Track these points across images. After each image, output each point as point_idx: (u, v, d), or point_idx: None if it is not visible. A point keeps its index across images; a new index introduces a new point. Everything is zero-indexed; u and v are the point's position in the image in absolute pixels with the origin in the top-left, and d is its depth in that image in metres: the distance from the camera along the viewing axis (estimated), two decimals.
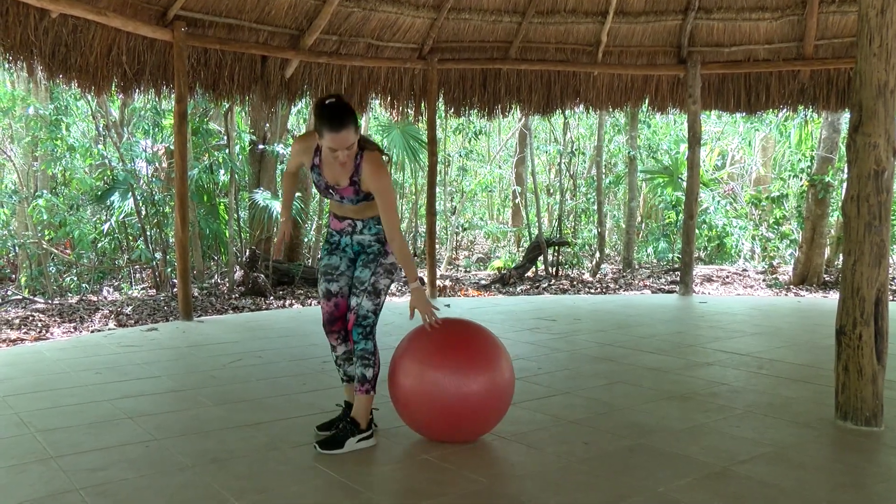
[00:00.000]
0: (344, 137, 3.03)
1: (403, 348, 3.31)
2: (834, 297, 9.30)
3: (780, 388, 4.35)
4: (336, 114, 3.04)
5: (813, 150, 11.31)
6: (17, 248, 10.85)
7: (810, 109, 9.17)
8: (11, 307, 8.71)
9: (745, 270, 12.11)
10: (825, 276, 10.66)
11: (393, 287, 10.23)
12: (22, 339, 6.63)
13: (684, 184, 9.54)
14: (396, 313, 7.00)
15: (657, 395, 4.23)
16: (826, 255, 10.88)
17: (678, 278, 9.75)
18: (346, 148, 3.06)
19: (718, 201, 13.58)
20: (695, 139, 8.65)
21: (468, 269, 13.68)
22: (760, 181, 15.25)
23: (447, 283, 10.72)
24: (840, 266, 11.01)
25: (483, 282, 11.08)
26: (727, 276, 11.43)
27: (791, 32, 8.49)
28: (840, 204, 8.79)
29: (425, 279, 8.86)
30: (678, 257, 11.60)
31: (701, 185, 10.89)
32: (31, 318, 7.71)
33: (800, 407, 3.95)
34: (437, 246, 10.16)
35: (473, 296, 9.65)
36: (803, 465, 3.08)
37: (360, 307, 3.22)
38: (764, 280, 11.06)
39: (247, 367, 4.89)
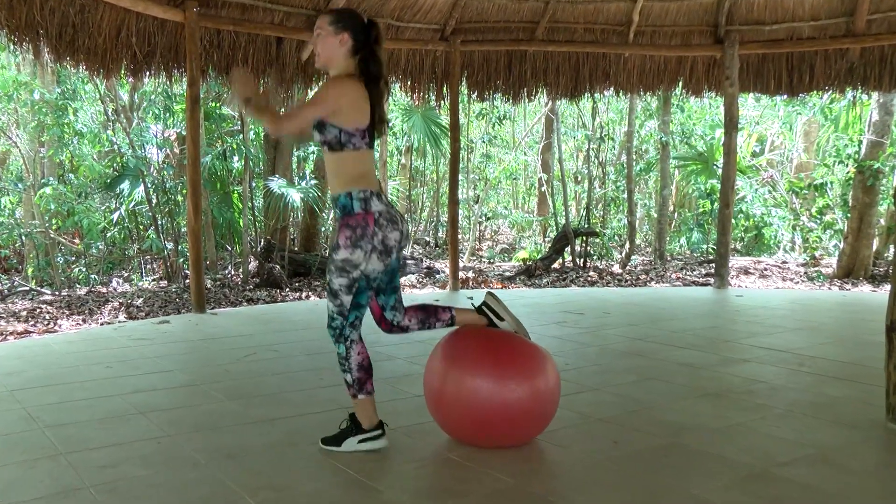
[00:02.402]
0: (321, 18, 3.09)
1: (440, 350, 3.25)
2: (883, 291, 9.18)
3: (824, 387, 4.30)
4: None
5: (861, 135, 11.14)
6: (23, 237, 11.00)
7: (859, 90, 9.00)
8: (18, 299, 8.84)
9: (784, 262, 12.00)
10: (873, 268, 10.52)
11: (413, 279, 10.24)
12: (29, 332, 6.73)
13: (720, 171, 9.46)
14: None
15: (690, 392, 4.20)
16: (875, 247, 10.73)
17: (713, 270, 9.67)
18: (316, 29, 3.08)
19: (756, 189, 13.44)
20: (732, 124, 8.56)
21: (492, 261, 13.67)
22: (802, 168, 15.07)
23: (470, 274, 10.72)
24: (890, 258, 10.82)
25: (507, 273, 11.06)
26: (765, 269, 11.32)
27: (840, 7, 8.32)
28: (892, 191, 8.58)
29: (446, 269, 8.84)
30: (713, 248, 11.50)
31: (738, 173, 10.76)
32: (38, 309, 7.82)
33: (845, 407, 3.90)
34: (459, 236, 10.16)
35: (497, 288, 9.64)
36: (850, 470, 3.04)
37: (328, 307, 3.09)
38: (805, 273, 10.94)
39: (262, 361, 4.92)
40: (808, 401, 4.01)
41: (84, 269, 10.69)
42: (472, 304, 3.35)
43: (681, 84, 9.11)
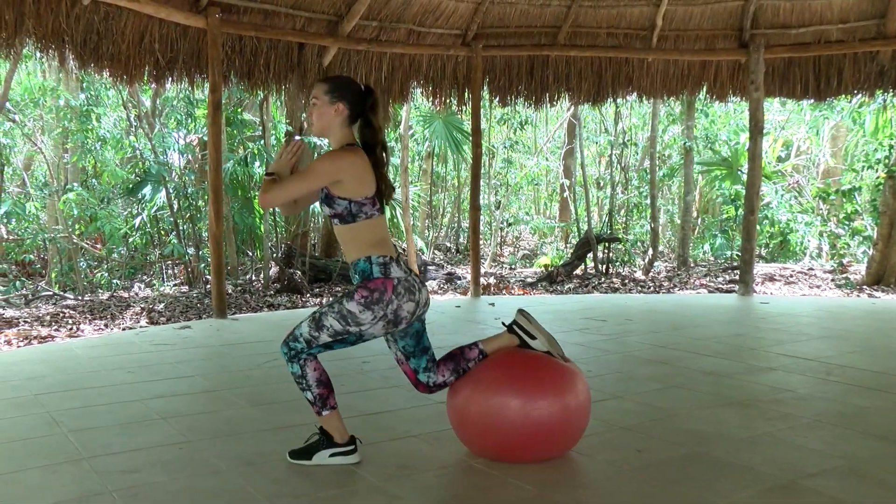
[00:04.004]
0: (316, 87, 3.04)
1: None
2: None
3: (853, 397, 4.24)
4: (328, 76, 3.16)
5: (892, 139, 11.01)
6: (47, 242, 11.13)
7: (890, 94, 8.91)
8: (42, 303, 8.94)
9: (811, 269, 11.86)
10: None
11: (434, 285, 10.24)
12: (53, 336, 6.80)
13: (744, 176, 9.38)
14: (439, 312, 7.01)
15: (715, 400, 4.16)
16: None
17: (737, 277, 9.59)
18: (312, 98, 3.03)
19: (782, 195, 13.31)
20: (757, 129, 8.49)
21: (513, 267, 13.65)
22: (829, 173, 14.91)
23: (491, 280, 10.70)
24: None
25: (529, 280, 11.03)
26: (791, 276, 11.20)
27: (870, 9, 8.22)
28: None
29: (467, 275, 8.83)
30: (737, 255, 11.40)
31: (763, 178, 10.67)
32: (61, 314, 7.91)
33: (876, 418, 3.84)
34: (481, 242, 10.15)
35: (519, 294, 9.62)
36: (883, 483, 2.99)
37: (298, 326, 3.07)
38: (833, 280, 10.82)
39: (282, 367, 4.88)
40: (837, 411, 3.96)
41: (106, 274, 10.78)
42: (503, 323, 3.29)
43: (705, 89, 9.04)
